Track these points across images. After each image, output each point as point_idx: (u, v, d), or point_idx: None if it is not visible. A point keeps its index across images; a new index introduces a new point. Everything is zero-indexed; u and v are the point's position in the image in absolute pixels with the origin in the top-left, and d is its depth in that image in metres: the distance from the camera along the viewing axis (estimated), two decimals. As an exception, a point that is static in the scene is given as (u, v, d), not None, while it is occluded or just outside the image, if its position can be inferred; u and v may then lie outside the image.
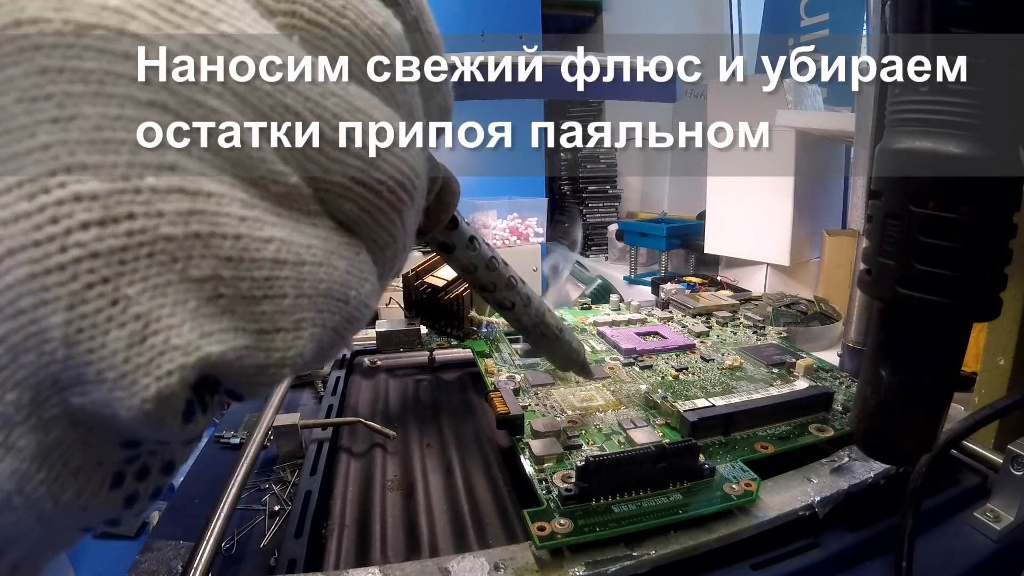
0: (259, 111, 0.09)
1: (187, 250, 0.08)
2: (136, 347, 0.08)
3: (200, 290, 0.08)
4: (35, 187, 0.07)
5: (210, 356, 0.09)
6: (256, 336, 0.09)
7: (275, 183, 0.09)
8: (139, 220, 0.08)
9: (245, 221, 0.09)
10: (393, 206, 0.11)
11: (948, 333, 0.18)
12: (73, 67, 0.08)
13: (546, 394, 0.34)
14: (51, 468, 0.09)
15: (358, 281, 0.11)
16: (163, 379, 0.08)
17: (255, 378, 0.10)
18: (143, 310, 0.08)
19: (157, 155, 0.08)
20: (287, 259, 0.09)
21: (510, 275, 0.26)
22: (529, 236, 1.42)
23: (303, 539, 0.25)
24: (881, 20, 0.36)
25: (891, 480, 0.27)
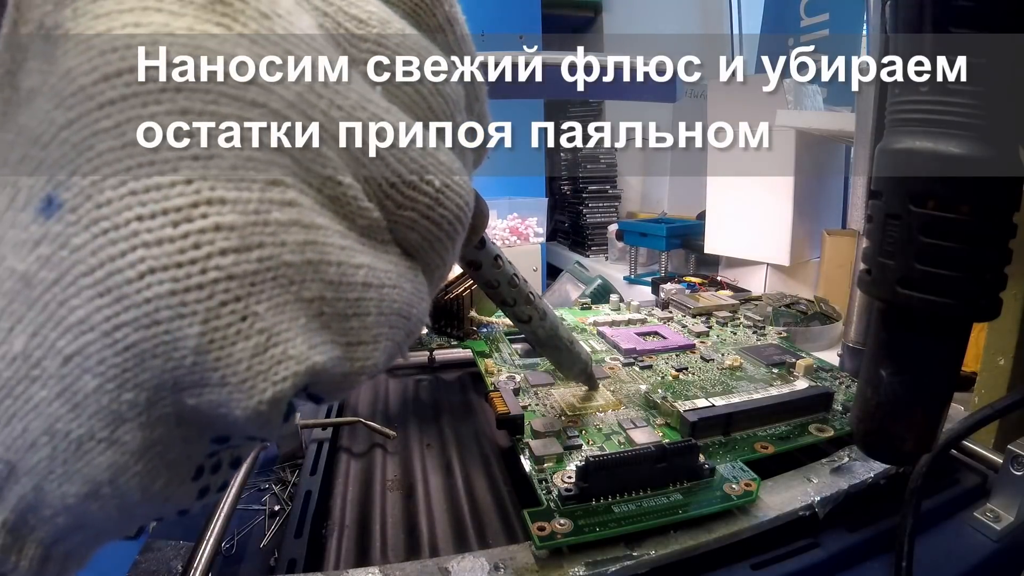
0: (353, 155, 0.10)
1: (302, 275, 0.10)
2: (259, 356, 0.09)
3: (309, 308, 0.10)
4: (180, 216, 0.09)
5: (316, 365, 0.10)
6: (345, 348, 0.11)
7: (362, 217, 0.11)
8: (267, 248, 0.09)
9: (344, 250, 0.10)
10: (450, 236, 0.12)
11: (948, 333, 0.18)
12: (211, 111, 0.09)
13: (546, 394, 0.34)
14: (149, 461, 0.10)
15: (419, 300, 0.12)
16: (279, 384, 0.09)
17: (340, 384, 0.11)
18: (267, 325, 0.09)
19: (280, 192, 0.09)
20: (372, 282, 0.11)
21: (529, 291, 0.28)
22: (529, 236, 1.42)
23: (303, 539, 0.25)
24: (881, 20, 0.36)
25: (891, 480, 0.27)
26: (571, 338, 0.30)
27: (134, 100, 0.09)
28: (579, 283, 0.86)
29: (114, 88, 0.09)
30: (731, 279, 0.75)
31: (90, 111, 0.09)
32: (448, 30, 0.13)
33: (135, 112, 0.09)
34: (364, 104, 0.10)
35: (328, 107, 0.10)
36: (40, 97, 0.09)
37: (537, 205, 1.40)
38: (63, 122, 0.09)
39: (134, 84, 0.09)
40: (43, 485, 0.09)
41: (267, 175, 0.09)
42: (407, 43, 0.12)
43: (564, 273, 0.95)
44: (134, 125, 0.09)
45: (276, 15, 0.10)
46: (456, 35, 0.14)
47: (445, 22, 0.13)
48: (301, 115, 0.10)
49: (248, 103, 0.09)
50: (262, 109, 0.09)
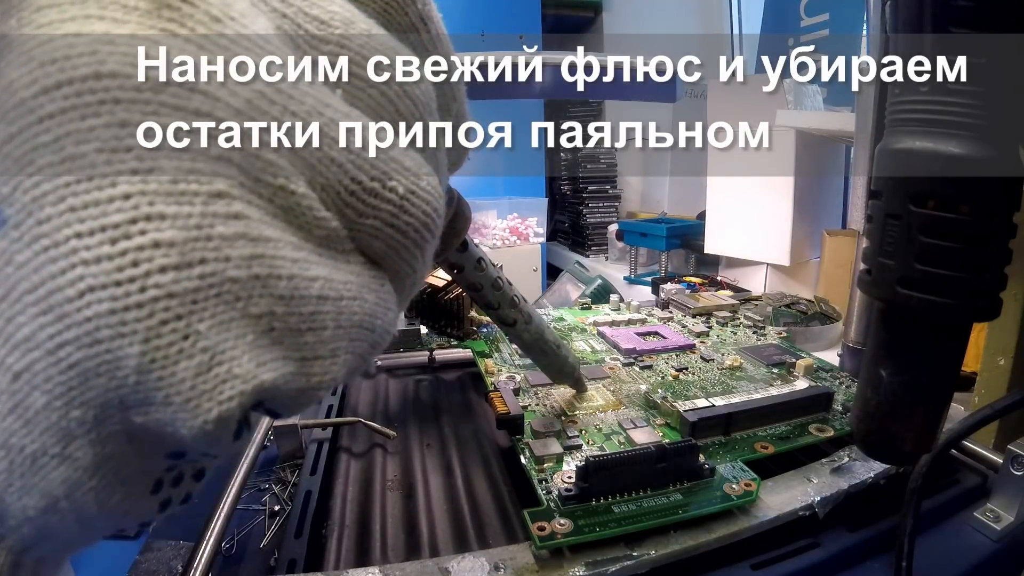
0: (308, 163, 0.10)
1: (248, 290, 0.09)
2: (203, 375, 0.09)
3: (257, 325, 0.09)
4: (118, 233, 0.08)
5: (264, 383, 0.10)
6: (300, 363, 0.10)
7: (319, 227, 0.10)
8: (210, 264, 0.09)
9: (296, 263, 0.10)
10: (417, 244, 0.12)
11: (948, 333, 0.18)
12: (151, 123, 0.09)
13: (546, 394, 0.34)
14: (103, 476, 0.10)
15: (383, 311, 0.12)
16: (224, 404, 0.09)
17: (296, 399, 0.11)
18: (210, 343, 0.09)
19: (225, 205, 0.09)
20: (329, 295, 0.10)
21: (513, 294, 0.27)
22: (529, 236, 1.42)
23: (303, 539, 0.25)
24: (881, 20, 0.36)
25: (891, 480, 0.27)
26: (558, 342, 0.30)
27: (73, 113, 0.08)
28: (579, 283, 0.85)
29: (53, 101, 0.08)
30: (731, 279, 0.75)
31: (30, 125, 0.08)
32: (421, 29, 0.13)
33: (73, 126, 0.08)
34: (321, 108, 0.10)
35: (281, 113, 0.10)
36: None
37: (537, 205, 1.40)
38: (5, 136, 0.08)
39: (72, 97, 0.08)
40: (4, 497, 0.09)
41: (210, 187, 0.09)
42: (372, 43, 0.11)
43: (564, 273, 0.94)
44: (73, 139, 0.08)
45: (228, 18, 0.09)
46: (430, 34, 0.13)
47: (418, 20, 0.13)
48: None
49: (191, 112, 0.09)
50: (206, 118, 0.09)
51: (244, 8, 0.10)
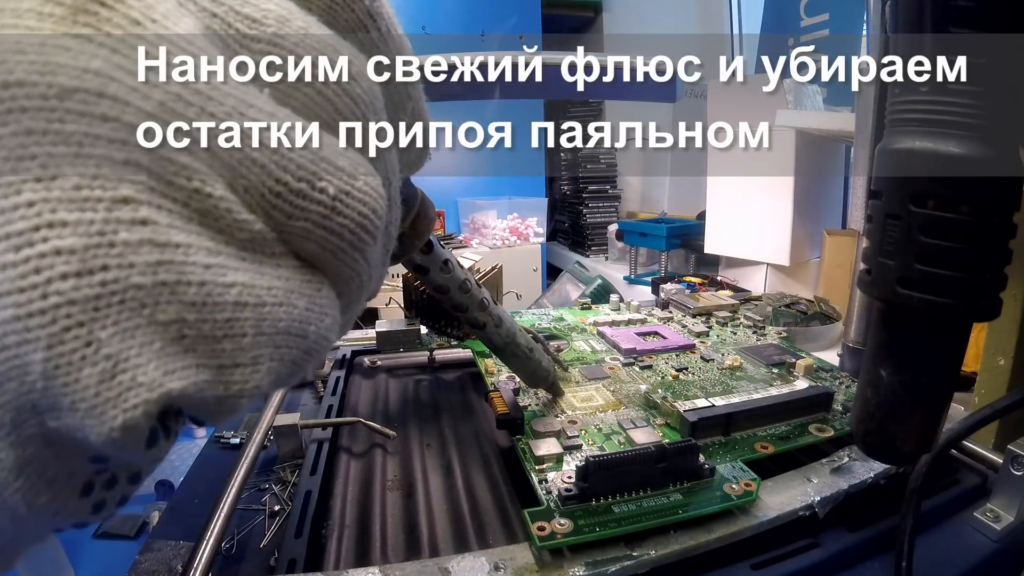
0: (227, 164, 0.10)
1: (155, 297, 0.09)
2: (106, 383, 0.09)
3: (165, 332, 0.09)
4: (21, 240, 0.08)
5: (171, 391, 0.09)
6: (216, 371, 0.10)
7: (240, 230, 0.10)
8: (112, 271, 0.09)
9: (210, 268, 0.10)
10: (354, 245, 0.11)
11: (948, 333, 0.18)
12: (56, 129, 0.09)
13: (546, 394, 0.34)
14: (27, 478, 0.10)
15: (318, 317, 0.11)
16: (128, 411, 0.09)
17: (215, 407, 0.10)
18: (113, 351, 0.09)
19: (130, 211, 0.09)
20: (248, 301, 0.10)
21: (482, 296, 0.28)
22: (529, 236, 1.42)
23: (303, 539, 0.25)
24: (881, 20, 0.36)
25: (891, 480, 0.27)
26: (531, 345, 0.31)
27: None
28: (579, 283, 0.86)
29: None
30: (731, 279, 0.75)
31: None
32: (370, 26, 0.13)
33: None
34: (243, 108, 0.10)
35: (197, 114, 0.10)
36: None
37: (537, 205, 1.41)
38: None
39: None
40: None
41: (115, 193, 0.09)
42: (307, 42, 0.11)
43: (564, 273, 0.95)
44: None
45: (149, 20, 0.09)
46: (380, 31, 0.13)
47: (366, 17, 0.13)
48: (163, 125, 0.09)
49: (98, 118, 0.09)
50: (113, 123, 0.09)
51: (168, 9, 0.10)
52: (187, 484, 0.34)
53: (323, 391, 0.41)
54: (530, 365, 0.31)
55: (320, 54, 0.11)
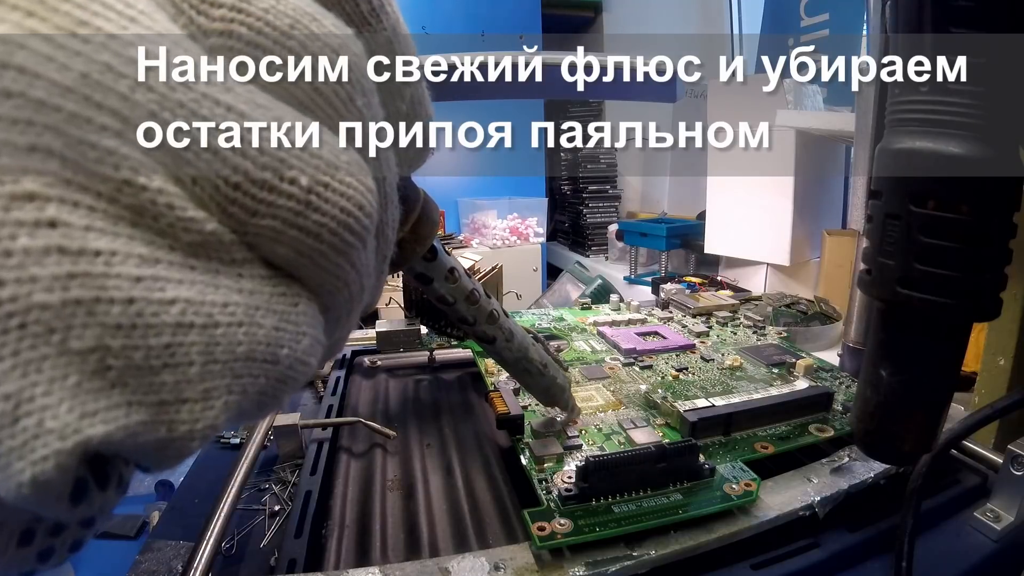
0: (172, 153, 0.08)
1: (66, 319, 0.07)
2: (7, 429, 0.07)
3: (83, 363, 0.07)
4: None
5: (92, 439, 0.08)
6: (156, 409, 0.08)
7: (187, 231, 0.08)
8: (8, 288, 0.07)
9: (141, 282, 0.08)
10: (337, 249, 0.09)
11: (948, 333, 0.18)
12: None
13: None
14: None
15: (292, 338, 0.10)
16: (38, 464, 0.07)
17: (159, 453, 0.09)
18: (12, 389, 0.07)
19: (35, 210, 0.07)
20: (194, 322, 0.08)
21: (492, 308, 0.25)
22: (529, 236, 1.42)
23: (303, 539, 0.25)
24: (881, 20, 0.36)
25: (891, 480, 0.27)
26: (544, 361, 0.28)
27: None
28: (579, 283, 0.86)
29: None
30: (731, 279, 0.75)
31: None
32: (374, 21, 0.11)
33: None
34: (190, 82, 0.08)
35: (130, 89, 0.08)
36: None
37: (537, 205, 1.41)
38: None
39: None
40: None
41: (14, 187, 0.07)
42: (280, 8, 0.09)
43: (564, 273, 0.95)
44: None
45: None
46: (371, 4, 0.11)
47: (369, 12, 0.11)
48: (82, 102, 0.07)
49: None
50: (17, 100, 0.07)
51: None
52: (187, 484, 0.34)
53: (323, 391, 0.41)
54: (543, 382, 0.28)
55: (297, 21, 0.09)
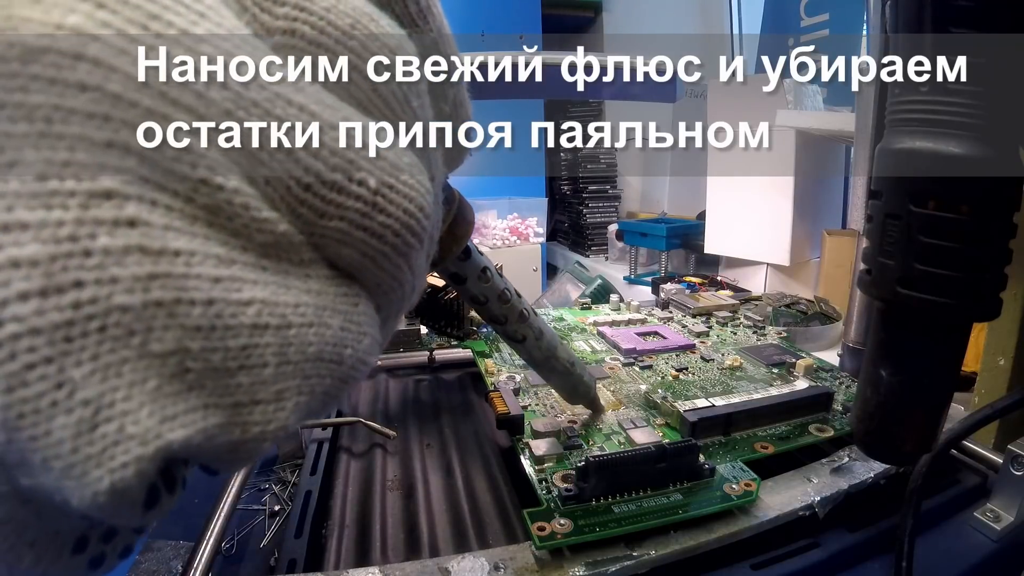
0: (247, 153, 0.08)
1: (147, 321, 0.07)
2: (85, 436, 0.07)
3: (163, 366, 0.07)
4: None
5: (172, 444, 0.08)
6: (231, 411, 0.08)
7: (260, 232, 0.08)
8: (88, 289, 0.07)
9: (220, 283, 0.08)
10: (399, 250, 0.10)
11: (948, 333, 0.18)
12: (15, 101, 0.07)
13: (546, 394, 0.34)
14: (4, 540, 0.08)
15: (355, 338, 0.10)
16: (117, 471, 0.07)
17: (230, 456, 0.09)
18: (92, 395, 0.07)
19: (114, 208, 0.07)
20: (269, 323, 0.08)
21: (523, 307, 0.25)
22: (529, 236, 1.42)
23: (303, 539, 0.25)
24: (881, 20, 0.36)
25: (891, 480, 0.27)
26: (572, 359, 0.28)
27: None
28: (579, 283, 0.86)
29: None
30: (731, 279, 0.75)
31: None
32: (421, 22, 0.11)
33: None
34: (262, 81, 0.08)
35: (206, 86, 0.07)
36: None
37: (537, 205, 1.41)
38: None
39: None
40: None
41: (92, 185, 0.07)
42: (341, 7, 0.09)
43: (564, 273, 0.95)
44: None
45: None
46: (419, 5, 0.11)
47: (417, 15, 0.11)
48: (159, 98, 0.07)
49: (73, 86, 0.07)
50: (93, 93, 0.07)
51: None
52: (187, 484, 0.34)
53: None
54: (571, 380, 0.29)
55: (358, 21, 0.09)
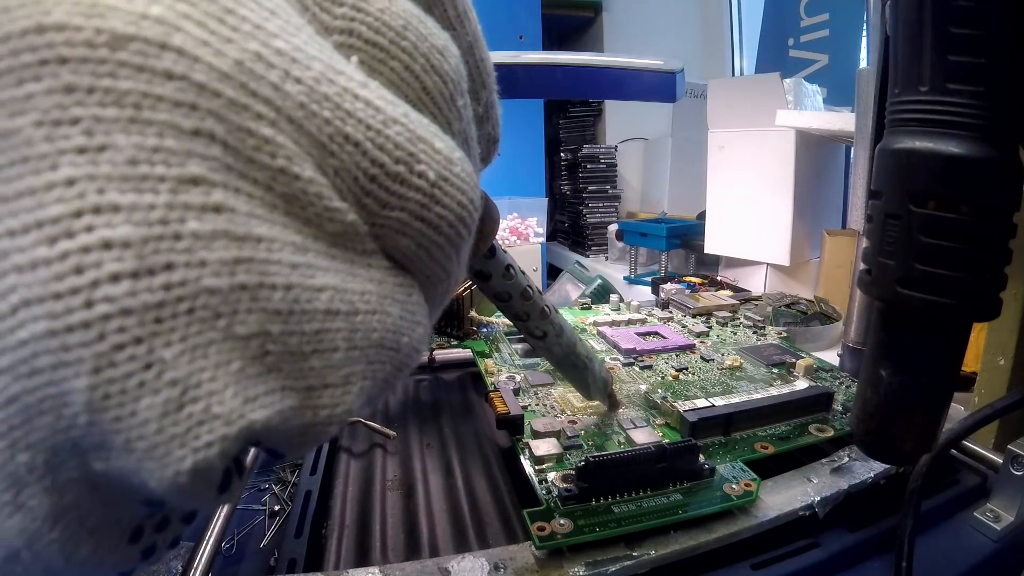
0: (316, 141, 0.08)
1: (232, 304, 0.07)
2: (171, 416, 0.07)
3: (245, 348, 0.08)
4: (57, 230, 0.07)
5: (254, 424, 0.08)
6: (304, 394, 0.08)
7: (331, 221, 0.09)
8: (178, 271, 0.07)
9: (297, 269, 0.08)
10: (452, 241, 0.10)
11: (948, 333, 0.18)
12: (105, 87, 0.07)
13: (546, 394, 0.34)
14: (65, 528, 0.08)
15: (410, 326, 0.10)
16: (201, 451, 0.07)
17: (300, 438, 0.09)
18: (180, 375, 0.07)
19: (201, 194, 0.07)
20: (340, 309, 0.09)
21: (544, 304, 0.26)
22: (529, 236, 1.42)
23: (303, 539, 0.25)
24: (881, 20, 0.36)
25: (891, 480, 0.27)
26: (590, 355, 0.28)
27: (7, 78, 0.07)
28: (579, 283, 0.86)
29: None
30: (731, 279, 0.75)
31: None
32: (447, 3, 0.12)
33: (7, 94, 0.07)
34: (332, 76, 0.08)
35: (281, 79, 0.08)
36: None
37: (537, 205, 1.40)
38: None
39: (7, 57, 0.06)
40: None
41: (182, 170, 0.07)
42: (395, 8, 0.09)
43: (564, 273, 0.95)
44: (6, 111, 0.07)
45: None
46: (457, 9, 0.12)
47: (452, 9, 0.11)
48: (240, 89, 0.07)
49: (160, 74, 0.07)
50: (180, 82, 0.07)
51: None
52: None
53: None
54: (589, 376, 0.29)
55: (409, 23, 0.09)
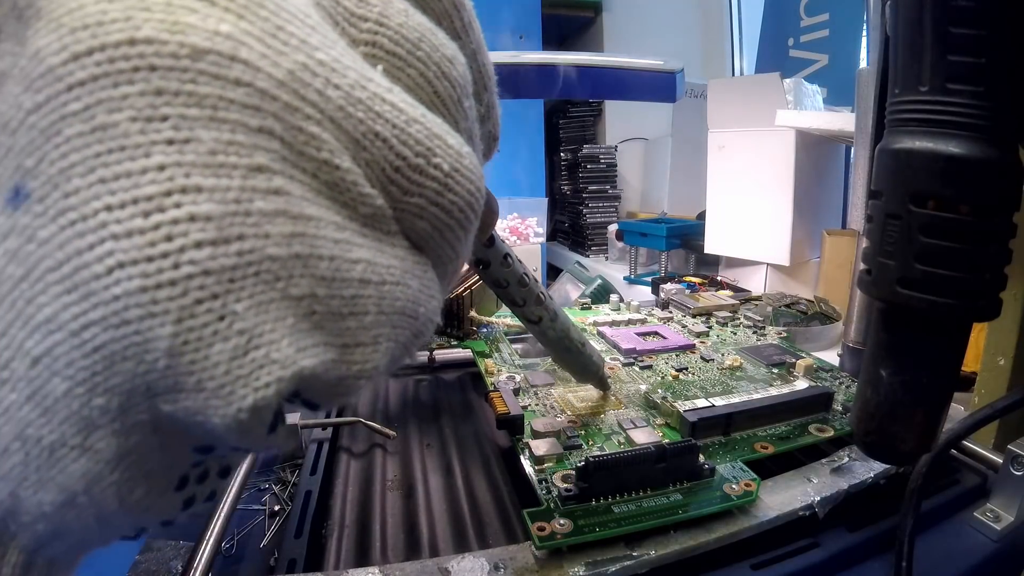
0: (352, 137, 0.10)
1: (289, 270, 0.09)
2: (238, 359, 0.09)
3: (297, 307, 0.09)
4: (151, 205, 0.08)
5: (304, 369, 0.09)
6: (340, 350, 0.10)
7: (364, 205, 0.10)
8: (248, 241, 0.08)
9: (338, 243, 0.10)
10: (461, 224, 0.12)
11: (948, 333, 0.18)
12: (189, 91, 0.08)
13: (546, 394, 0.34)
14: (125, 470, 0.09)
15: (427, 298, 0.12)
16: (260, 390, 0.09)
17: (336, 389, 0.10)
18: (248, 325, 0.09)
19: (265, 179, 0.09)
20: (371, 279, 0.10)
21: (539, 291, 0.27)
22: (529, 236, 1.42)
23: (303, 539, 0.25)
24: (881, 20, 0.36)
25: (891, 480, 0.27)
26: (583, 340, 0.30)
27: (105, 81, 0.08)
28: (579, 283, 0.86)
29: (84, 68, 0.08)
30: (731, 279, 0.75)
31: (58, 93, 0.08)
32: (455, 16, 0.13)
33: (105, 94, 0.08)
34: (364, 83, 0.10)
35: (324, 86, 0.09)
36: (10, 81, 0.08)
37: (537, 205, 1.40)
38: (31, 106, 0.08)
39: (104, 63, 0.08)
40: (19, 492, 0.09)
41: (250, 160, 0.09)
42: (410, 23, 0.11)
43: (564, 273, 0.95)
44: (104, 108, 0.08)
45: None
46: (463, 21, 0.13)
47: (451, 7, 0.13)
48: (292, 94, 0.09)
49: (231, 82, 0.08)
50: (247, 88, 0.09)
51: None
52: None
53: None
54: (583, 360, 0.30)
55: (422, 36, 0.11)
